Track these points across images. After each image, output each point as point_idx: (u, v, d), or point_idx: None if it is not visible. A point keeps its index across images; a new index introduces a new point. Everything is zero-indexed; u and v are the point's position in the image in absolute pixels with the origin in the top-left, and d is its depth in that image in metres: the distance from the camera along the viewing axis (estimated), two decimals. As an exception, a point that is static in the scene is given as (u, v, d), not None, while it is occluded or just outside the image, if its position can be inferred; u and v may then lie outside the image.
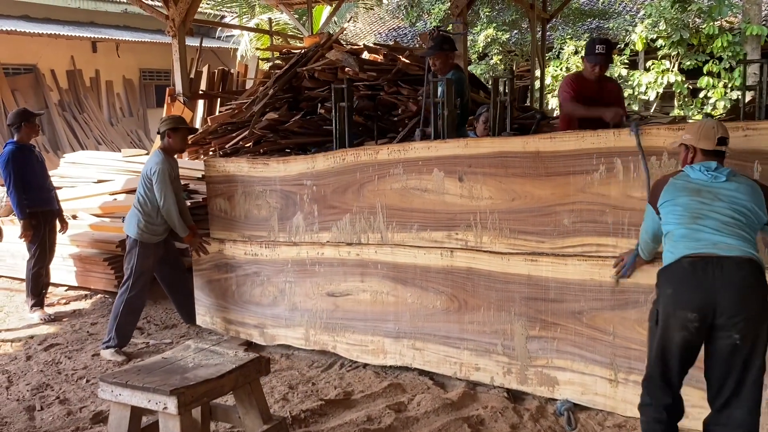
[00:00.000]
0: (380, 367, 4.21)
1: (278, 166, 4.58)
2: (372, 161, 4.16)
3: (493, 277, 3.78)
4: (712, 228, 2.53)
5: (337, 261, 4.30)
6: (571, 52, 15.63)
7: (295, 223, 4.52)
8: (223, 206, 4.85)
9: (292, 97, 7.92)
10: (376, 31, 21.64)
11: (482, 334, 3.84)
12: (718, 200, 2.59)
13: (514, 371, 3.73)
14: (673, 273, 2.57)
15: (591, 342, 3.48)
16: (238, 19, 17.75)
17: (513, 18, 16.67)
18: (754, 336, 2.44)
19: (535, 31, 11.40)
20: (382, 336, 4.18)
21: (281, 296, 4.57)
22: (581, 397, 3.53)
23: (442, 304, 3.96)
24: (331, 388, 3.96)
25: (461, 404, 3.64)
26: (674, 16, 13.84)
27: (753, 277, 2.46)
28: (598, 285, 3.43)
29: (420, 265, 4.02)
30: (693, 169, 2.72)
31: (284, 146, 7.53)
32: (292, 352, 4.59)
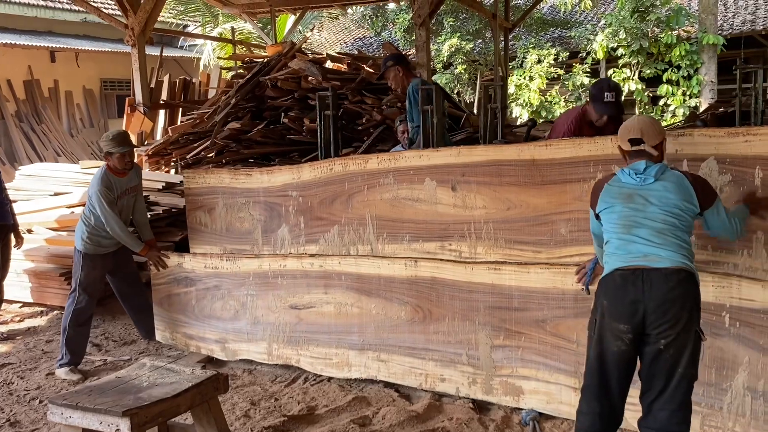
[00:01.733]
0: (345, 381, 4.14)
1: (262, 176, 4.46)
2: (361, 171, 4.05)
3: (457, 286, 3.75)
4: (644, 238, 2.59)
5: (300, 273, 4.22)
6: (534, 61, 15.83)
7: (280, 235, 4.40)
8: (203, 219, 4.71)
9: (255, 107, 7.84)
10: (341, 40, 21.64)
11: (447, 345, 3.80)
12: (650, 204, 2.62)
13: (480, 381, 3.70)
14: (607, 285, 2.64)
15: (555, 350, 3.47)
16: (201, 28, 17.57)
17: (477, 27, 16.84)
18: (679, 344, 2.51)
19: (498, 41, 11.50)
20: (347, 348, 4.11)
21: (243, 310, 4.47)
22: (546, 406, 3.51)
23: (407, 315, 3.92)
24: (295, 404, 3.88)
25: (427, 416, 3.59)
26: (634, 26, 14.14)
27: (680, 287, 2.51)
28: (561, 293, 3.43)
29: (384, 275, 3.97)
30: (624, 173, 2.75)
31: (247, 156, 7.45)
32: (255, 366, 4.49)
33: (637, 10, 14.19)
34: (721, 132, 3.09)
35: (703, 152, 3.09)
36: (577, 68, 15.67)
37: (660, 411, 2.56)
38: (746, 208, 2.93)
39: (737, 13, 16.27)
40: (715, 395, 3.06)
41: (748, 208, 2.95)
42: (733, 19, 15.85)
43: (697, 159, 3.10)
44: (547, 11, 18.77)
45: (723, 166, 3.05)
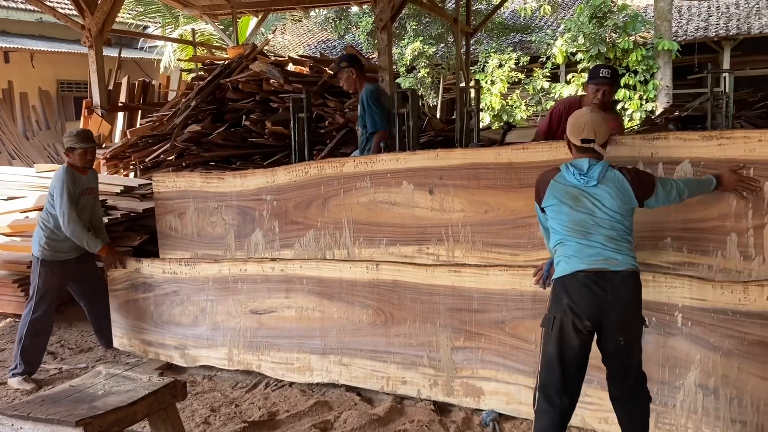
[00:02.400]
0: (307, 385, 4.12)
1: (235, 180, 4.39)
2: (337, 174, 4.02)
3: (418, 289, 3.76)
4: (600, 243, 2.73)
5: (260, 277, 4.19)
6: (495, 66, 16.02)
7: (254, 240, 4.33)
8: (173, 224, 4.62)
9: (216, 109, 7.78)
10: (304, 43, 21.57)
11: (408, 347, 3.81)
12: (597, 210, 2.76)
13: (441, 383, 3.72)
14: (570, 284, 2.75)
15: (514, 351, 3.51)
16: (161, 29, 17.31)
17: (439, 32, 16.97)
18: (633, 337, 2.77)
19: (460, 45, 11.61)
20: (308, 353, 4.09)
21: (202, 315, 4.42)
22: (506, 406, 3.55)
23: (369, 318, 3.92)
24: (256, 409, 3.84)
25: (388, 419, 3.59)
26: (592, 31, 14.42)
27: (635, 288, 2.76)
28: (519, 294, 3.47)
29: (346, 279, 3.96)
30: (568, 171, 2.84)
31: (208, 159, 7.38)
32: (215, 373, 4.43)
33: (595, 15, 14.48)
34: (696, 135, 3.15)
35: (678, 155, 3.15)
36: (538, 72, 15.91)
37: (629, 386, 2.80)
38: (710, 183, 2.99)
39: (691, 20, 16.74)
40: (669, 393, 3.14)
41: (713, 184, 3.00)
42: (686, 26, 16.29)
43: (672, 162, 3.16)
44: (508, 16, 19.01)
45: (697, 169, 3.11)
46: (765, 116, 6.74)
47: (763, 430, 2.98)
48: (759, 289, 2.94)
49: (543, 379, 2.79)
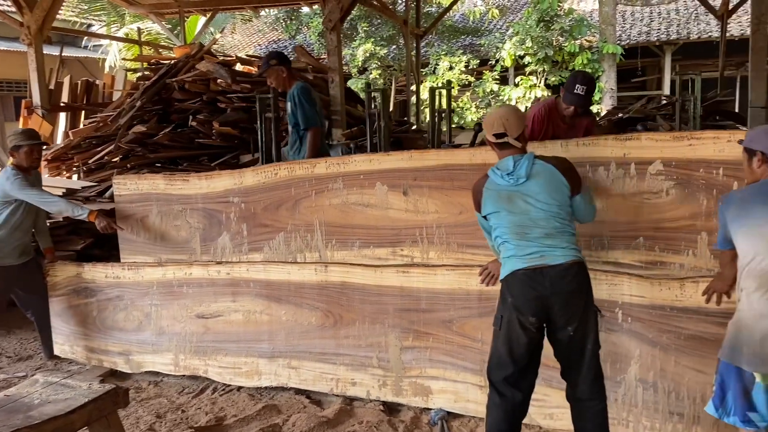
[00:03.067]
0: (255, 389, 4.07)
1: (200, 182, 4.28)
2: (308, 175, 3.94)
3: (367, 290, 3.77)
4: (536, 241, 2.77)
5: (206, 281, 4.12)
6: (446, 68, 16.16)
7: (220, 244, 4.23)
8: (135, 228, 4.47)
9: (162, 110, 7.62)
10: (255, 43, 21.34)
11: (358, 348, 3.81)
12: (532, 207, 2.79)
13: (390, 383, 3.73)
14: (513, 283, 2.80)
15: (461, 350, 3.55)
16: (105, 27, 16.86)
17: (390, 33, 17.03)
18: (584, 326, 2.76)
19: (410, 47, 11.67)
20: (257, 357, 4.04)
21: (147, 320, 4.32)
22: (454, 404, 3.58)
23: (318, 320, 3.90)
24: (202, 415, 3.78)
25: (337, 421, 3.58)
26: (539, 35, 14.70)
27: (576, 279, 2.75)
28: (465, 293, 3.51)
29: (294, 281, 3.93)
30: (495, 174, 2.88)
31: (154, 161, 7.22)
32: (161, 378, 4.34)
33: (542, 19, 14.77)
34: (667, 136, 3.20)
35: (649, 156, 3.19)
36: (487, 75, 16.13)
37: (582, 384, 2.81)
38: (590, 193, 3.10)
39: (634, 24, 17.23)
40: (611, 388, 3.20)
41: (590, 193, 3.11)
42: (630, 30, 16.76)
43: (644, 162, 3.18)
44: (458, 19, 19.20)
45: (668, 169, 3.15)
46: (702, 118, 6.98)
47: (698, 422, 3.08)
48: (694, 285, 3.04)
49: (494, 376, 2.82)
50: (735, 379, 2.60)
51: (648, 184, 3.17)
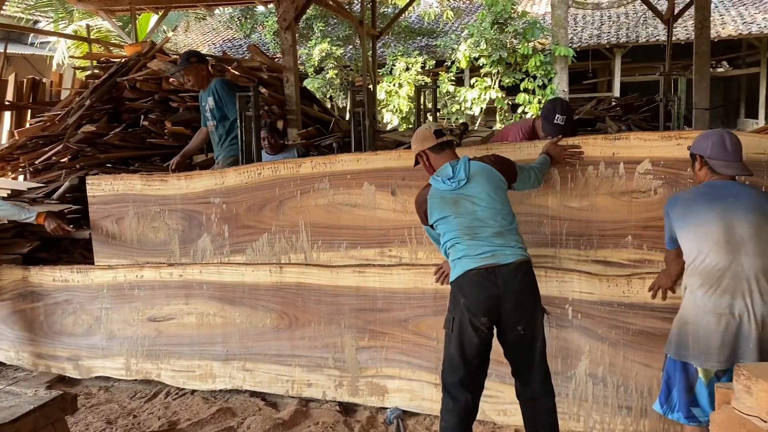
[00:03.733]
0: (209, 392, 4.02)
1: (179, 182, 4.15)
2: (293, 175, 3.86)
3: (323, 290, 3.76)
4: (487, 241, 2.82)
5: (158, 283, 4.05)
6: (402, 69, 16.22)
7: (201, 246, 4.11)
8: (110, 230, 4.32)
9: (113, 109, 7.44)
10: (209, 41, 21.02)
11: (313, 349, 3.80)
12: (477, 208, 2.85)
13: (346, 384, 3.73)
14: (463, 284, 2.82)
15: (417, 348, 3.57)
16: (53, 24, 16.37)
17: (346, 33, 16.99)
18: (533, 325, 2.82)
19: (366, 47, 11.67)
20: (210, 360, 3.99)
21: (97, 324, 4.22)
22: (410, 403, 3.60)
23: (273, 322, 3.87)
24: (155, 419, 3.71)
25: (293, 423, 3.56)
26: (493, 37, 14.88)
27: (526, 278, 2.82)
28: (421, 292, 3.53)
29: (248, 283, 3.90)
30: (437, 181, 2.95)
31: (104, 161, 7.04)
32: (112, 383, 4.25)
33: (496, 21, 14.95)
34: (656, 136, 3.23)
35: (638, 155, 3.22)
36: (443, 76, 16.25)
37: (533, 383, 2.85)
38: (547, 162, 3.21)
39: (585, 27, 17.61)
40: (562, 383, 3.28)
41: (549, 160, 3.21)
42: (581, 33, 17.13)
43: (632, 162, 3.21)
44: (414, 20, 19.30)
45: (657, 168, 3.18)
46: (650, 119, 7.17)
47: (646, 415, 3.18)
48: (641, 281, 3.13)
49: (447, 379, 2.84)
50: (680, 375, 2.69)
51: (636, 183, 3.20)
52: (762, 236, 2.53)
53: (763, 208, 2.57)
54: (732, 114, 17.94)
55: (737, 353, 2.49)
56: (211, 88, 4.88)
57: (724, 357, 2.51)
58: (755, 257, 2.51)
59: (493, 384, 3.33)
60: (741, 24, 15.59)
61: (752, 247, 2.52)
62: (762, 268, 2.51)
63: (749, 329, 2.48)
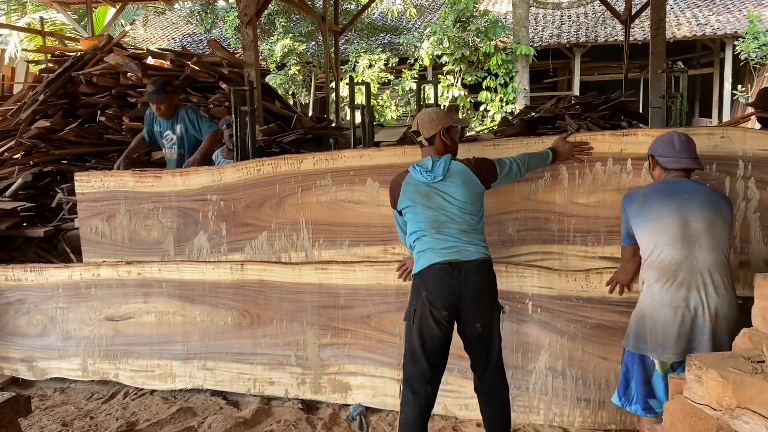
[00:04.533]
0: (169, 392, 3.96)
1: (174, 179, 4.02)
2: (294, 172, 3.76)
3: (285, 288, 3.74)
4: (453, 236, 2.85)
5: (115, 282, 3.97)
6: (365, 66, 16.20)
7: (197, 244, 3.98)
8: (100, 228, 4.15)
9: (68, 104, 7.26)
10: (169, 36, 20.68)
11: (276, 347, 3.77)
12: (448, 204, 2.88)
13: (308, 381, 3.72)
14: (427, 277, 2.84)
15: (380, 345, 3.58)
16: (5, 16, 15.89)
17: (309, 29, 16.89)
18: (490, 322, 2.86)
19: (329, 44, 11.63)
20: (170, 359, 3.93)
21: (52, 324, 4.11)
22: (372, 399, 3.61)
23: (234, 320, 3.83)
24: (113, 420, 3.63)
25: (255, 421, 3.53)
26: (456, 35, 14.97)
27: (487, 276, 2.86)
28: (384, 289, 3.54)
29: (209, 281, 3.85)
30: (415, 170, 2.97)
31: (59, 157, 6.87)
32: (68, 385, 4.15)
33: (458, 20, 15.04)
34: (664, 133, 3.16)
35: (646, 151, 3.13)
36: (406, 74, 16.29)
37: (491, 378, 2.90)
38: (547, 156, 3.21)
39: (546, 27, 17.86)
40: (522, 377, 3.33)
41: (550, 157, 3.22)
42: (542, 32, 17.36)
43: (640, 158, 3.21)
44: (377, 17, 19.29)
45: None
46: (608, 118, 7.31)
47: (604, 407, 3.25)
48: (598, 276, 3.20)
49: (408, 371, 2.86)
50: (638, 367, 2.75)
51: (644, 180, 3.21)
52: (715, 231, 2.60)
53: (717, 204, 2.65)
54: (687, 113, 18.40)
55: (692, 345, 2.56)
56: (181, 117, 4.83)
57: (680, 349, 2.58)
58: (709, 251, 2.58)
59: (456, 379, 3.36)
60: (696, 25, 16.01)
61: (706, 241, 2.59)
62: (715, 262, 2.58)
63: (703, 322, 2.55)
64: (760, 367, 1.75)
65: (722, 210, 2.65)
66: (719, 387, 1.74)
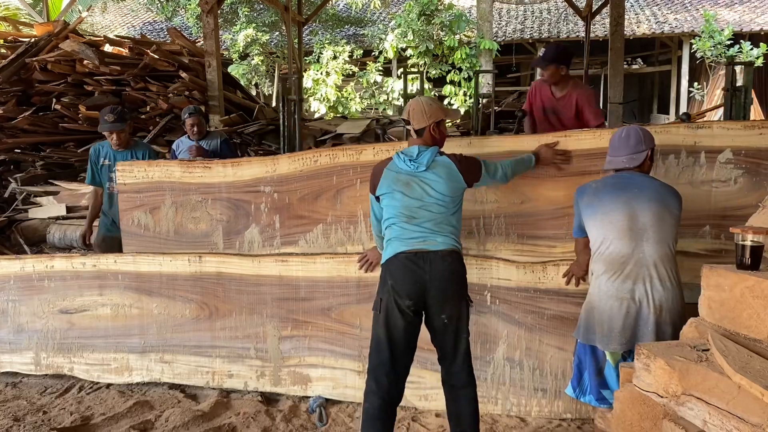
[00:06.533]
0: (126, 386, 3.89)
1: (225, 170, 3.88)
2: (353, 163, 3.62)
3: (244, 280, 3.71)
4: (423, 226, 2.84)
5: (70, 274, 3.88)
6: (330, 57, 16.11)
7: (247, 237, 3.86)
8: (143, 221, 3.99)
9: (22, 91, 7.07)
10: (128, 23, 20.25)
11: (235, 340, 3.74)
12: (427, 195, 2.87)
13: (268, 374, 3.70)
14: (393, 266, 2.83)
15: (340, 336, 3.58)
16: (-45, -1, 15.31)
17: (273, 19, 16.70)
18: (458, 315, 2.82)
19: (292, 34, 11.52)
20: (127, 352, 3.87)
21: (3, 318, 4.00)
22: (333, 391, 3.61)
23: (192, 313, 3.79)
24: (67, 415, 3.56)
25: (213, 414, 3.50)
26: (420, 28, 14.99)
27: (453, 266, 2.82)
28: (344, 281, 3.54)
29: (166, 273, 3.80)
30: (399, 158, 2.95)
31: (12, 146, 6.71)
32: (21, 379, 4.05)
33: (423, 13, 15.05)
34: (738, 125, 3.25)
35: (720, 144, 3.21)
36: (371, 66, 16.25)
37: (458, 372, 2.87)
38: (530, 161, 3.25)
39: (509, 22, 18.02)
40: (481, 367, 3.37)
41: (533, 161, 3.25)
42: (506, 27, 17.51)
43: (714, 150, 3.20)
44: (342, 8, 19.18)
45: (738, 157, 3.19)
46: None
47: (560, 396, 3.31)
48: (555, 268, 3.25)
49: (372, 361, 2.85)
50: (590, 358, 2.81)
51: (717, 173, 3.22)
52: (663, 225, 2.67)
53: (665, 199, 2.72)
54: (645, 109, 18.81)
55: (637, 336, 2.63)
56: (137, 154, 4.56)
57: (625, 339, 2.65)
58: (655, 244, 2.65)
59: (415, 370, 3.34)
60: (654, 23, 16.34)
61: (653, 234, 2.66)
62: (661, 255, 2.65)
63: (648, 313, 2.62)
64: (704, 355, 1.81)
65: (671, 205, 2.72)
66: (666, 375, 1.79)
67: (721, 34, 14.23)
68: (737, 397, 1.68)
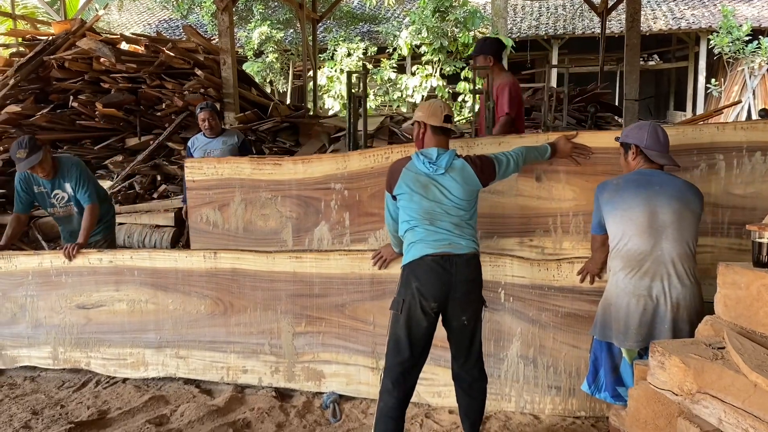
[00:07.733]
0: (142, 381, 3.93)
1: (295, 167, 3.88)
2: None
3: (259, 276, 3.72)
4: (446, 230, 2.86)
5: (87, 270, 3.92)
6: (344, 54, 16.12)
7: (317, 235, 3.88)
8: (211, 218, 4.02)
9: (40, 89, 7.16)
10: (144, 21, 20.39)
11: (249, 336, 3.76)
12: (445, 198, 2.89)
13: (282, 369, 3.72)
14: (418, 268, 2.84)
15: (354, 333, 3.59)
16: (-25, -2, 15.50)
17: (287, 17, 16.74)
18: (476, 317, 2.89)
19: (306, 32, 11.54)
20: (143, 347, 3.90)
21: (22, 312, 4.06)
22: (346, 387, 3.62)
23: (207, 309, 3.81)
24: (84, 409, 3.61)
25: (228, 409, 3.53)
26: (435, 25, 14.95)
27: (476, 271, 2.89)
28: (358, 277, 3.54)
29: (182, 268, 3.82)
30: (418, 159, 2.95)
31: (30, 144, 6.75)
32: (39, 373, 4.10)
33: (437, 10, 15.02)
34: None
35: None
36: (385, 63, 16.25)
37: (472, 369, 2.93)
38: (545, 151, 3.25)
39: (524, 18, 17.93)
40: (494, 365, 3.37)
41: (548, 152, 3.25)
42: (521, 24, 17.43)
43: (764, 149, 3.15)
44: (356, 5, 19.19)
45: None
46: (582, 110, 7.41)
47: (574, 394, 3.30)
48: (570, 266, 3.24)
49: (390, 361, 2.86)
50: (606, 355, 2.80)
51: None
52: (683, 223, 2.65)
53: (686, 197, 2.69)
54: (662, 106, 18.65)
55: (653, 333, 2.61)
56: (67, 175, 4.29)
57: (641, 337, 2.63)
58: (675, 242, 2.63)
59: (428, 367, 3.35)
60: (671, 19, 16.18)
61: (673, 232, 2.64)
62: (679, 253, 2.63)
63: (665, 311, 2.60)
64: (720, 353, 1.79)
65: (692, 203, 2.70)
66: (681, 373, 1.78)
67: (739, 30, 14.07)
68: (753, 396, 1.67)
